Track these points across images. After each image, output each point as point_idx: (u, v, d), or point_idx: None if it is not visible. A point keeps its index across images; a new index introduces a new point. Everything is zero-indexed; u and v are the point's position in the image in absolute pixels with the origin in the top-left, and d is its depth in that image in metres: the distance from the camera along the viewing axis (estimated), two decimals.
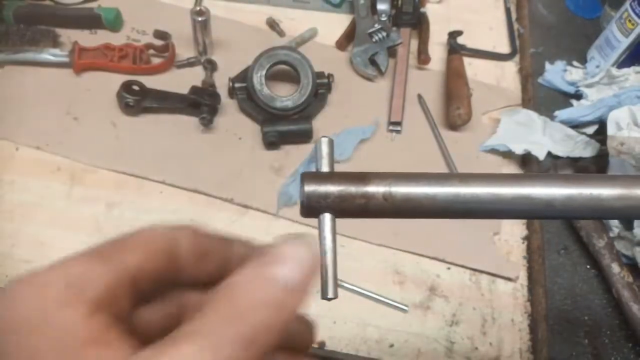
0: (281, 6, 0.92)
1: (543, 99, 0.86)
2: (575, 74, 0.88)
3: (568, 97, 0.87)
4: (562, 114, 0.82)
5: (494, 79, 0.88)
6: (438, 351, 0.62)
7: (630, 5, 0.81)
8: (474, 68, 0.88)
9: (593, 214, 0.28)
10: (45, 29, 0.81)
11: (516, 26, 0.95)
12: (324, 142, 0.28)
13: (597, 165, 0.76)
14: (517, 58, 0.91)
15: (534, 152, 0.75)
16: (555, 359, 0.63)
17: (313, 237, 0.23)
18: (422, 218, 0.28)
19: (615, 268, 0.67)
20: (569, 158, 0.78)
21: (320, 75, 0.79)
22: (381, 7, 0.88)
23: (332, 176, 0.27)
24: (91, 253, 0.23)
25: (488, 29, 0.95)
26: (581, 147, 0.78)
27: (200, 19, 0.77)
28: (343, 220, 0.28)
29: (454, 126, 0.79)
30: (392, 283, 0.66)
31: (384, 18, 0.87)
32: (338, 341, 0.61)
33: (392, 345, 0.62)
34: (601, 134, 0.77)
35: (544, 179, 0.28)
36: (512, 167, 0.79)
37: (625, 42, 0.84)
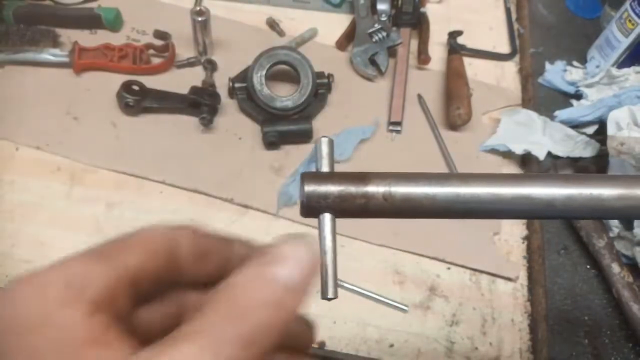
0: (281, 6, 0.92)
1: (543, 99, 0.86)
2: (575, 74, 0.88)
3: (568, 97, 0.87)
4: (562, 114, 0.81)
5: (494, 79, 0.88)
6: (438, 351, 0.62)
7: (630, 5, 0.81)
8: (474, 68, 0.88)
9: (593, 214, 0.28)
10: (45, 29, 0.81)
11: (516, 26, 0.95)
12: (324, 142, 0.28)
13: (597, 165, 0.75)
14: (517, 58, 0.91)
15: (534, 152, 0.75)
16: (555, 358, 0.63)
17: (313, 237, 0.23)
18: (422, 218, 0.28)
19: (616, 268, 0.67)
20: (569, 158, 0.78)
21: (320, 75, 0.79)
22: (381, 7, 0.88)
23: (332, 176, 0.27)
24: (91, 253, 0.23)
25: (488, 29, 0.95)
26: (581, 147, 0.78)
27: (200, 19, 0.77)
28: (343, 220, 0.27)
29: (454, 126, 0.79)
30: (392, 283, 0.66)
31: (384, 18, 0.87)
32: (338, 341, 0.61)
33: (392, 345, 0.62)
34: (601, 134, 0.77)
35: (544, 179, 0.27)
36: (512, 167, 0.78)
37: (625, 42, 0.84)
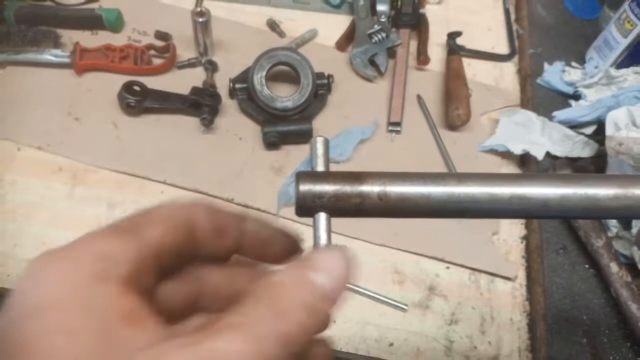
0: (281, 7, 0.92)
1: (542, 100, 0.86)
2: (573, 74, 0.88)
3: (567, 98, 0.87)
4: (560, 114, 0.82)
5: (493, 80, 0.89)
6: (437, 350, 0.62)
7: (629, 6, 0.82)
8: (473, 69, 0.88)
9: (588, 213, 0.28)
10: (46, 29, 0.81)
11: (515, 27, 0.95)
12: (319, 142, 0.27)
13: (595, 165, 0.76)
14: (516, 59, 0.91)
15: (532, 152, 0.75)
16: (554, 358, 0.63)
17: (350, 250, 0.24)
18: (417, 217, 0.28)
19: (614, 267, 0.67)
20: (567, 158, 0.78)
21: (320, 75, 0.79)
22: (381, 8, 0.88)
23: (327, 175, 0.27)
24: (116, 229, 0.22)
25: (487, 29, 0.95)
26: (580, 147, 0.78)
27: (201, 19, 0.77)
28: (343, 219, 0.27)
29: (453, 126, 0.80)
30: (392, 282, 0.67)
31: (383, 19, 0.87)
32: (338, 340, 0.62)
33: (391, 344, 0.62)
34: (600, 134, 0.77)
35: (540, 178, 0.27)
36: (511, 167, 0.79)
37: (624, 43, 0.84)
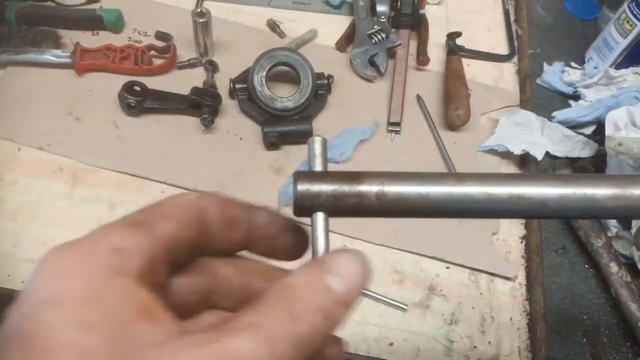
0: (282, 8, 0.92)
1: (541, 100, 0.86)
2: (573, 74, 0.89)
3: (566, 98, 0.88)
4: (560, 114, 0.82)
5: (493, 80, 0.89)
6: (437, 350, 0.62)
7: (629, 6, 0.82)
8: (472, 69, 0.89)
9: (587, 213, 0.27)
10: (47, 30, 0.81)
11: (514, 27, 0.96)
12: (317, 141, 0.27)
13: (595, 166, 0.75)
14: (515, 59, 0.92)
15: (532, 152, 0.75)
16: (554, 357, 0.63)
17: (366, 255, 0.24)
18: (416, 217, 0.28)
19: (614, 267, 0.67)
20: (567, 158, 0.78)
21: (320, 76, 0.79)
22: (380, 8, 0.88)
23: (325, 175, 0.26)
24: (128, 222, 0.22)
25: (486, 30, 0.96)
26: (579, 147, 0.78)
27: (201, 20, 0.77)
28: (343, 219, 0.27)
29: (452, 127, 0.80)
30: (392, 282, 0.67)
31: (383, 19, 0.88)
32: None
33: (391, 344, 0.62)
34: (599, 134, 0.78)
35: (538, 178, 0.27)
36: (511, 167, 0.79)
37: (623, 43, 0.84)
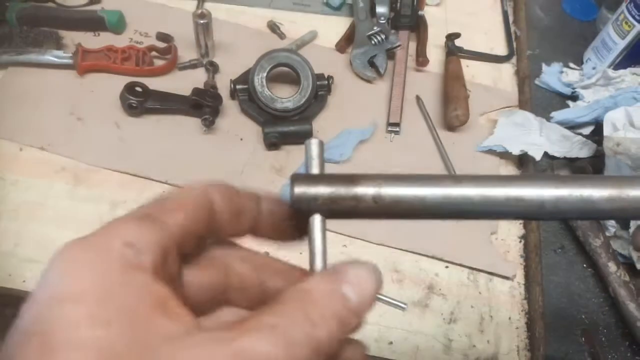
0: (282, 9, 0.92)
1: (540, 100, 0.87)
2: (571, 75, 0.89)
3: (564, 99, 0.88)
4: (558, 114, 0.82)
5: (491, 81, 0.89)
6: (436, 349, 0.63)
7: (627, 7, 0.82)
8: (471, 70, 0.89)
9: (584, 215, 0.27)
10: (48, 30, 0.82)
11: (513, 28, 0.96)
12: (314, 144, 0.27)
13: (593, 166, 0.76)
14: (514, 60, 0.92)
15: (530, 153, 0.75)
16: (552, 356, 0.63)
17: (377, 267, 0.24)
18: (413, 219, 0.28)
19: (612, 267, 0.68)
20: (565, 158, 0.78)
21: (320, 77, 0.80)
22: (380, 10, 0.89)
23: (321, 178, 0.26)
24: (138, 216, 0.22)
25: (485, 31, 0.96)
26: (578, 147, 0.78)
27: (202, 21, 0.78)
28: (343, 219, 0.27)
29: (451, 127, 0.80)
30: (391, 281, 0.67)
31: (382, 21, 0.88)
32: None
33: (391, 343, 0.63)
34: (597, 134, 0.78)
35: (535, 180, 0.27)
36: (510, 168, 0.79)
37: (621, 44, 0.85)
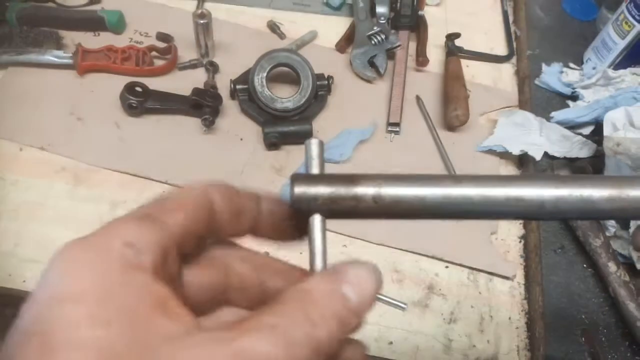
0: (282, 9, 0.92)
1: (540, 100, 0.87)
2: (571, 75, 0.89)
3: (564, 99, 0.88)
4: (558, 114, 0.82)
5: (491, 81, 0.89)
6: (436, 348, 0.63)
7: (627, 7, 0.82)
8: (471, 70, 0.89)
9: (584, 215, 0.27)
10: (48, 30, 0.82)
11: (513, 29, 0.96)
12: (314, 144, 0.27)
13: (593, 166, 0.76)
14: (514, 60, 0.92)
15: (530, 153, 0.75)
16: (553, 356, 0.63)
17: (377, 267, 0.24)
18: (413, 219, 0.28)
19: (612, 267, 0.68)
20: (565, 158, 0.78)
21: (320, 77, 0.80)
22: (380, 10, 0.89)
23: (321, 178, 0.26)
24: (138, 216, 0.22)
25: (485, 31, 0.96)
26: (578, 147, 0.79)
27: (202, 21, 0.78)
28: (343, 219, 0.27)
29: (451, 127, 0.80)
30: (391, 281, 0.67)
31: (382, 21, 0.88)
32: None
33: (391, 343, 0.63)
34: (597, 134, 0.78)
35: (535, 180, 0.27)
36: (510, 168, 0.79)
37: (621, 44, 0.85)
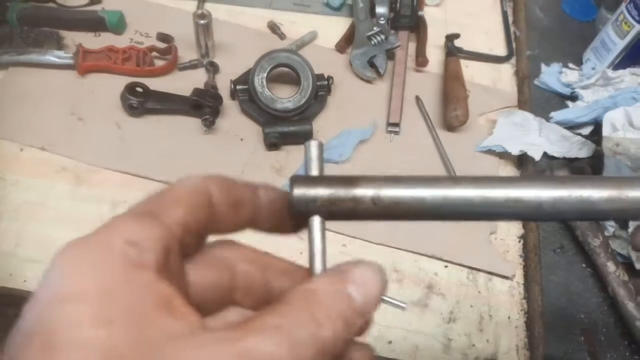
0: (282, 10, 0.93)
1: (539, 101, 0.87)
2: (570, 75, 0.89)
3: (564, 99, 0.88)
4: (558, 115, 0.82)
5: (491, 81, 0.89)
6: (436, 348, 0.63)
7: (626, 7, 0.82)
8: (471, 70, 0.89)
9: (583, 216, 0.27)
10: (49, 31, 0.82)
11: (513, 29, 0.96)
12: (313, 145, 0.27)
13: (592, 166, 0.76)
14: (513, 60, 0.92)
15: (530, 153, 0.76)
16: (552, 356, 0.63)
17: (382, 267, 0.24)
18: (412, 221, 0.28)
19: (611, 267, 0.68)
20: (564, 159, 0.78)
21: (320, 77, 0.80)
22: (380, 10, 0.89)
23: (321, 180, 0.26)
24: (138, 212, 0.22)
25: (485, 32, 0.96)
26: (577, 147, 0.79)
27: (202, 22, 0.78)
28: (342, 220, 0.27)
29: (451, 127, 0.80)
30: (391, 281, 0.67)
31: (382, 21, 0.88)
32: None
33: (390, 342, 0.63)
34: (597, 134, 0.78)
35: (534, 181, 0.27)
36: (509, 168, 0.79)
37: (620, 44, 0.85)
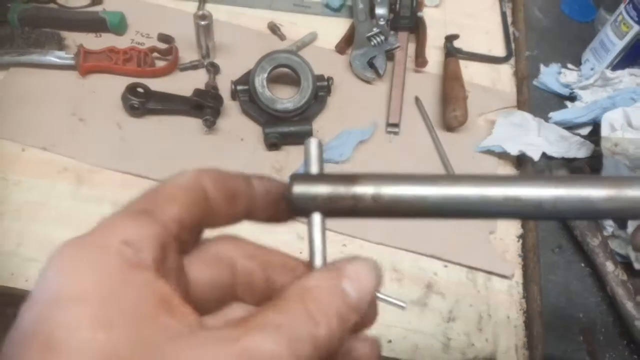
0: (282, 11, 0.93)
1: (538, 101, 0.87)
2: (569, 76, 0.89)
3: (563, 99, 0.88)
4: (556, 115, 0.82)
5: (490, 82, 0.90)
6: (435, 347, 0.63)
7: (625, 8, 0.82)
8: (470, 71, 0.89)
9: (582, 215, 0.27)
10: (50, 31, 0.82)
11: (512, 30, 0.96)
12: (313, 143, 0.27)
13: (591, 166, 0.76)
14: (512, 61, 0.92)
15: (528, 153, 0.76)
16: (551, 355, 0.63)
17: (378, 263, 0.24)
18: (412, 219, 0.28)
19: (610, 266, 0.68)
20: (563, 159, 0.78)
21: (320, 78, 0.80)
22: (379, 11, 0.89)
23: (321, 177, 0.27)
24: (134, 210, 0.21)
25: (484, 32, 0.96)
26: (576, 148, 0.79)
27: (203, 22, 0.78)
28: (342, 219, 0.28)
29: (450, 127, 0.81)
30: (390, 280, 0.67)
31: (382, 22, 0.88)
32: None
33: (390, 341, 0.63)
34: (595, 135, 0.78)
35: (534, 180, 0.27)
36: (508, 168, 0.80)
37: (619, 45, 0.85)
